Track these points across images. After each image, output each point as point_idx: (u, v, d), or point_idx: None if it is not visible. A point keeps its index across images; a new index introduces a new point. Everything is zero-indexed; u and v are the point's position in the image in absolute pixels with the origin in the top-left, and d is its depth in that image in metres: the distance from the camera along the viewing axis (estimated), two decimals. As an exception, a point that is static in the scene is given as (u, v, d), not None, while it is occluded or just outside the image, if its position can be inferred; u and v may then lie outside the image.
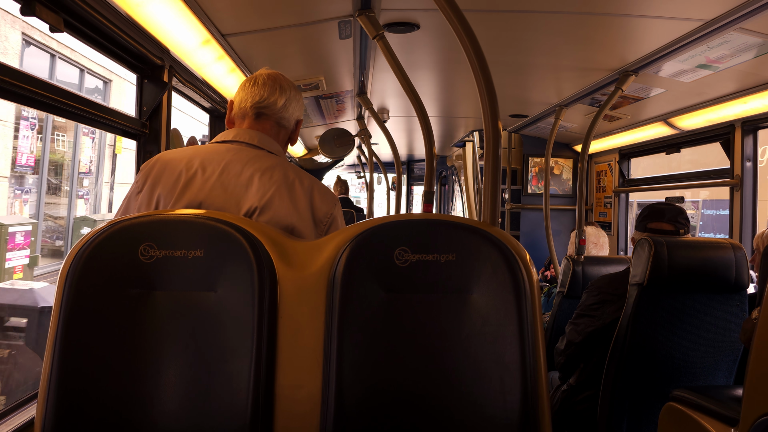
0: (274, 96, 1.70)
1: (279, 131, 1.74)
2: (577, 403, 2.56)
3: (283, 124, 1.74)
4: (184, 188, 1.55)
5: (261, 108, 1.70)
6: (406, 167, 10.87)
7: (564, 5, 2.33)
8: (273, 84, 1.71)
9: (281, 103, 1.71)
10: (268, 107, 1.70)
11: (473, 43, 1.51)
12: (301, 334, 1.35)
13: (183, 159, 1.59)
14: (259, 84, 1.71)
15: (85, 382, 1.29)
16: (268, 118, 1.71)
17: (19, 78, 1.63)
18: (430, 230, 1.39)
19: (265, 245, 1.37)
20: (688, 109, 3.62)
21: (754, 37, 2.38)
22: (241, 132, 1.68)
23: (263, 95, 1.70)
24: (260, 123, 1.71)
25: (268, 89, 1.70)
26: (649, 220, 2.58)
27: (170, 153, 1.65)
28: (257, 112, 1.70)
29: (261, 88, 1.70)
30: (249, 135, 1.67)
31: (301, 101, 1.79)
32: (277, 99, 1.70)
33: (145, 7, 2.00)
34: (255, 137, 1.67)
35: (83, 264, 1.32)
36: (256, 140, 1.66)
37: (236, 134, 1.68)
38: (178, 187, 1.55)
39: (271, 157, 1.65)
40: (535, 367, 1.31)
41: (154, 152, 2.46)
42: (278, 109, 1.71)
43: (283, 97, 1.71)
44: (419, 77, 3.64)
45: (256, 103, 1.69)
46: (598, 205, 5.39)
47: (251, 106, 1.70)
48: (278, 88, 1.71)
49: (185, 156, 1.61)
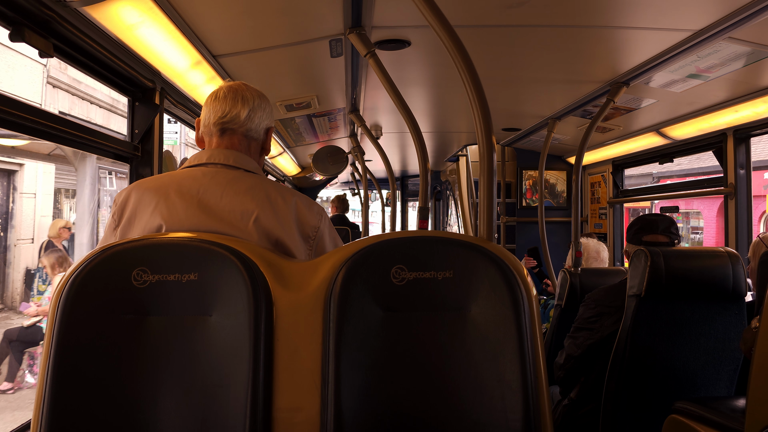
0: (236, 109, 1.62)
1: (249, 144, 1.66)
2: (579, 417, 2.54)
3: (252, 136, 1.66)
4: (165, 222, 1.49)
5: (224, 123, 1.62)
6: (400, 183, 10.87)
7: (554, 19, 2.34)
8: (234, 96, 1.63)
9: (245, 115, 1.63)
10: (232, 121, 1.62)
11: (465, 58, 1.51)
12: (299, 356, 1.33)
13: (159, 189, 1.53)
14: (220, 98, 1.64)
15: (79, 409, 1.27)
16: (233, 133, 1.63)
17: (9, 105, 1.62)
18: (427, 247, 1.38)
19: (260, 266, 1.36)
20: (680, 119, 3.63)
21: (743, 46, 2.40)
22: (215, 153, 1.61)
23: (225, 110, 1.62)
24: (227, 139, 1.63)
25: (230, 102, 1.62)
26: (644, 232, 2.57)
27: (144, 183, 1.59)
28: (221, 128, 1.63)
29: (222, 102, 1.63)
30: (224, 155, 1.60)
31: (268, 108, 1.70)
32: (240, 111, 1.62)
33: (135, 31, 2.00)
34: (230, 157, 1.60)
35: (76, 290, 1.31)
36: (231, 160, 1.59)
37: (210, 155, 1.61)
38: (157, 220, 1.49)
39: (250, 177, 1.58)
40: (536, 383, 1.30)
41: (146, 175, 2.45)
42: (242, 122, 1.63)
43: (246, 108, 1.63)
44: (411, 93, 3.65)
45: (218, 119, 1.62)
46: (593, 217, 5.39)
47: (214, 122, 1.63)
48: (240, 100, 1.63)
49: (161, 185, 1.54)
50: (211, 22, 2.21)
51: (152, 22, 2.01)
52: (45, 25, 1.73)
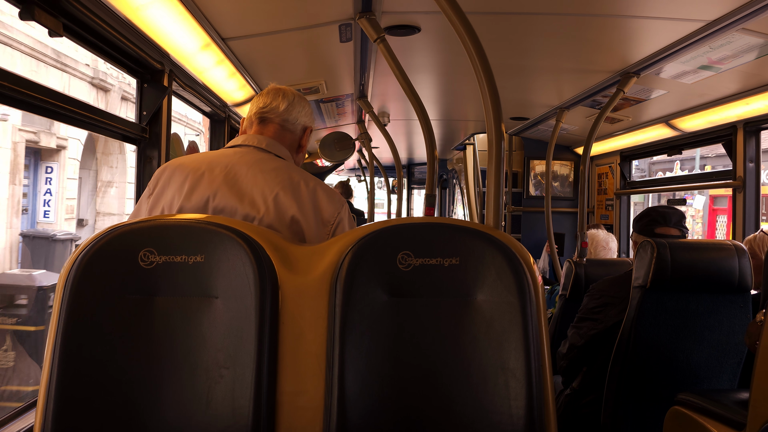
0: (276, 101, 1.80)
1: (284, 135, 1.81)
2: (581, 407, 2.54)
3: (288, 128, 1.82)
4: (191, 189, 1.60)
5: (264, 113, 1.80)
6: (407, 171, 10.85)
7: (565, 7, 2.32)
8: (276, 92, 1.83)
9: (283, 107, 1.80)
10: (271, 111, 1.80)
11: (476, 45, 1.50)
12: (304, 340, 1.33)
13: (192, 163, 1.68)
14: (263, 94, 1.84)
15: (84, 389, 1.28)
16: (271, 122, 1.80)
17: (19, 83, 1.62)
18: (433, 234, 1.38)
19: (266, 250, 1.36)
20: (690, 111, 3.61)
21: (756, 37, 2.37)
22: (250, 137, 1.76)
23: (266, 102, 1.81)
24: (264, 127, 1.80)
25: (271, 96, 1.82)
26: (656, 225, 2.56)
27: (180, 159, 1.74)
28: (261, 117, 1.80)
29: (265, 96, 1.83)
30: (257, 139, 1.75)
31: (308, 109, 1.87)
32: (279, 103, 1.80)
33: (144, 11, 1.99)
34: (263, 141, 1.74)
35: (83, 270, 1.31)
36: (264, 144, 1.74)
37: (245, 139, 1.76)
38: (186, 187, 1.61)
39: (277, 160, 1.71)
40: (540, 372, 1.30)
41: (154, 157, 2.46)
42: (280, 112, 1.80)
43: (285, 101, 1.81)
44: (420, 80, 3.63)
45: (259, 109, 1.80)
46: (600, 208, 5.38)
47: (255, 113, 1.81)
48: (281, 95, 1.82)
49: (194, 160, 1.69)
50: (221, 4, 2.20)
51: (162, 3, 2.00)
52: (55, 5, 1.73)
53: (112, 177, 13.29)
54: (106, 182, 13.24)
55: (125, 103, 12.68)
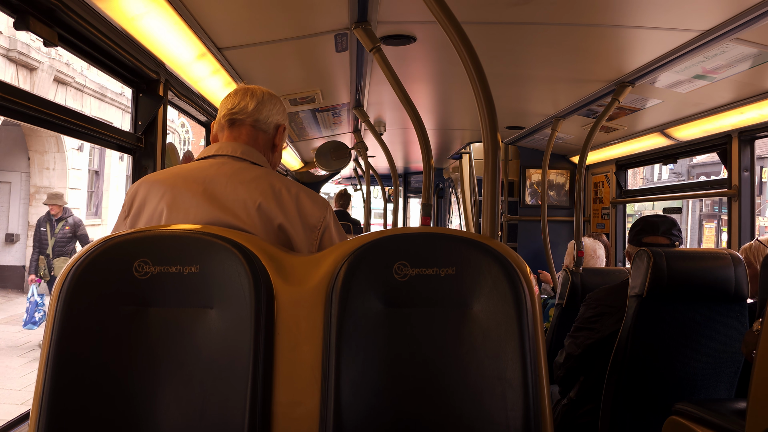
0: (244, 101, 1.71)
1: (257, 136, 1.72)
2: (578, 416, 2.53)
3: (260, 128, 1.73)
4: (170, 206, 1.54)
5: (233, 114, 1.71)
6: (403, 180, 10.86)
7: (560, 17, 2.33)
8: (244, 92, 1.74)
9: (252, 106, 1.71)
10: (240, 111, 1.71)
11: (471, 54, 1.50)
12: (299, 350, 1.32)
13: (168, 179, 1.59)
14: (231, 95, 1.75)
15: (78, 400, 1.26)
16: (242, 124, 1.71)
17: (13, 93, 1.62)
18: (430, 244, 1.38)
19: (261, 260, 1.35)
20: (685, 120, 3.62)
21: (750, 47, 2.38)
22: (223, 146, 1.67)
23: (234, 102, 1.72)
24: (236, 131, 1.71)
25: (240, 96, 1.73)
26: (644, 234, 2.57)
27: (154, 175, 1.65)
28: (231, 120, 1.71)
29: (233, 97, 1.73)
30: (231, 147, 1.66)
31: (279, 106, 1.78)
32: (248, 103, 1.71)
33: (140, 21, 1.99)
34: (238, 149, 1.66)
35: (77, 280, 1.30)
36: (239, 152, 1.66)
37: (218, 148, 1.67)
38: (164, 209, 1.54)
39: (256, 169, 1.63)
40: (537, 381, 1.29)
41: (149, 167, 2.45)
42: (250, 112, 1.71)
43: (254, 100, 1.72)
44: (416, 90, 3.64)
45: (228, 111, 1.71)
46: (596, 217, 5.38)
47: (224, 115, 1.72)
48: (249, 94, 1.73)
49: (170, 176, 1.61)
50: (217, 14, 2.20)
51: (157, 13, 2.00)
52: (50, 14, 1.72)
53: (49, 182, 11.53)
54: (42, 188, 11.37)
55: (63, 88, 10.38)
